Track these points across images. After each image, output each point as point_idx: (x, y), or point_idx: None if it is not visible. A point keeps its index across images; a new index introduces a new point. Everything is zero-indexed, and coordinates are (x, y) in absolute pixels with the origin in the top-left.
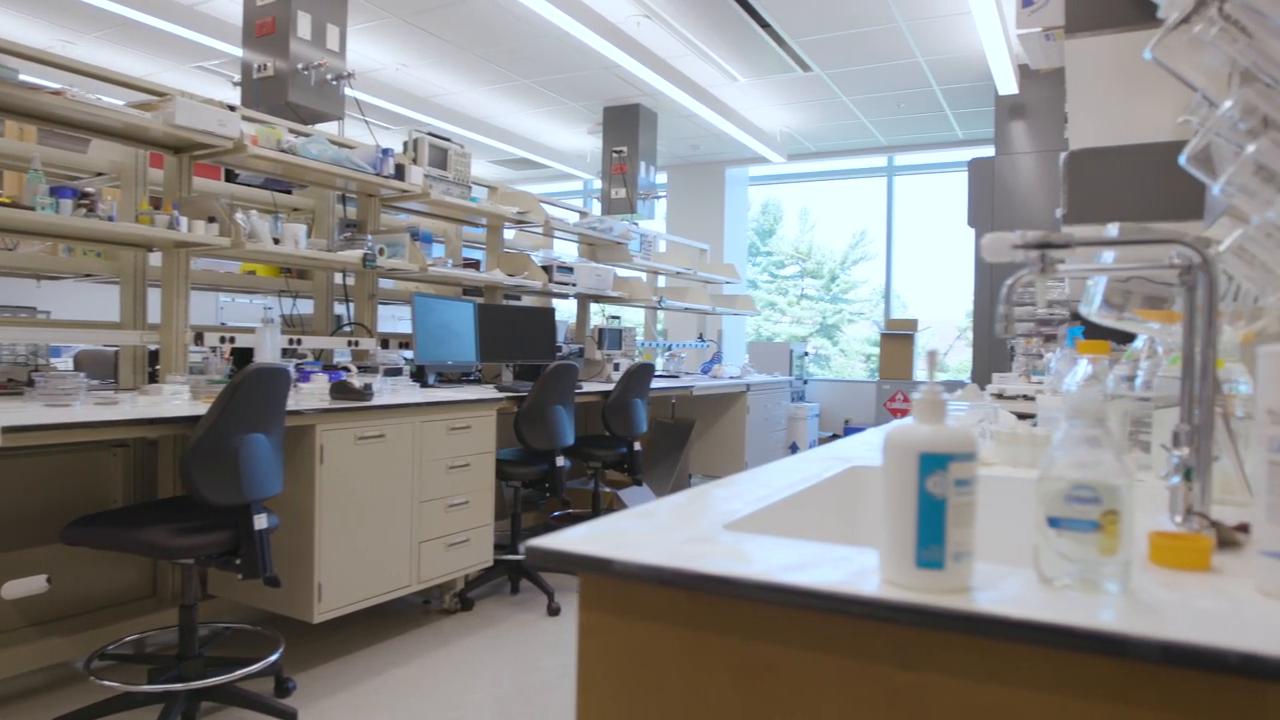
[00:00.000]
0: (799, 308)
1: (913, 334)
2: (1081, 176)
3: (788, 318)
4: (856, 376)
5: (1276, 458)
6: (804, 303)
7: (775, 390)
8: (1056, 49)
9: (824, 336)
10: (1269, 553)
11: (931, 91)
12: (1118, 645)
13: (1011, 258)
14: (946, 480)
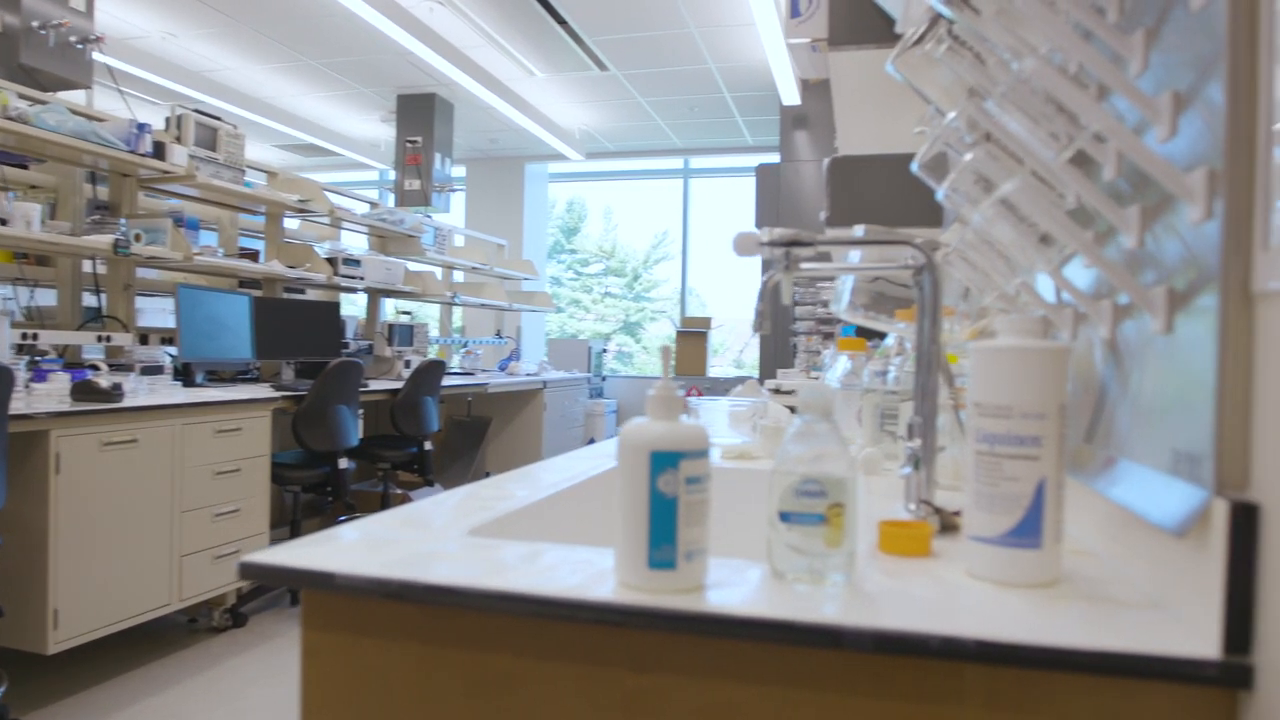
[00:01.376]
0: (603, 305)
1: (706, 331)
2: (841, 182)
3: (592, 315)
4: (658, 373)
5: (983, 448)
6: (608, 300)
7: (573, 387)
8: (822, 60)
9: (627, 334)
10: (976, 538)
11: (723, 98)
12: (833, 637)
13: (759, 254)
14: (678, 479)
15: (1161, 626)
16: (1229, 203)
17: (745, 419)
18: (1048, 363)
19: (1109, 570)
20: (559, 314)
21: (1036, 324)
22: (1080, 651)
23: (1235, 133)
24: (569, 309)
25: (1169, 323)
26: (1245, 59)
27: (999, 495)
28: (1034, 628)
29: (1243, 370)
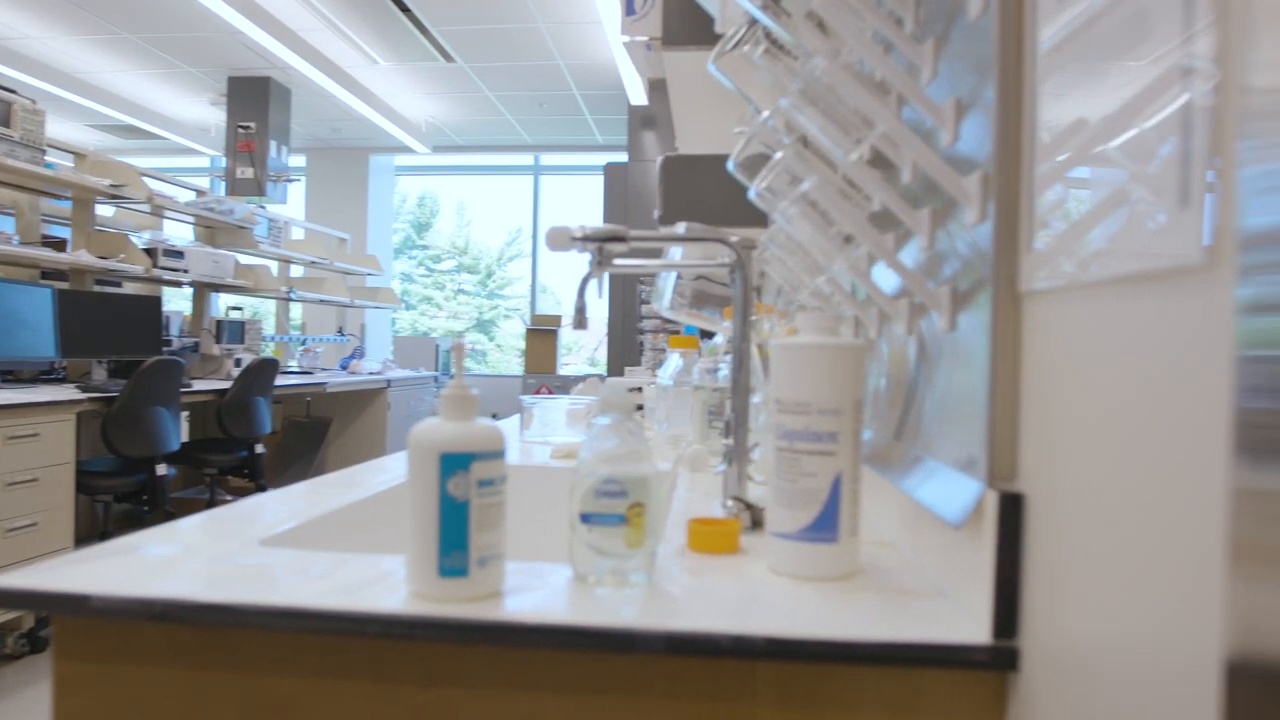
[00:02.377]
0: (456, 303)
1: (556, 329)
2: (674, 181)
3: (445, 313)
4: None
5: (783, 444)
6: (461, 298)
7: (419, 386)
8: (659, 59)
9: (481, 332)
10: (777, 534)
11: (573, 95)
12: (626, 641)
13: (572, 249)
14: (469, 481)
15: (944, 615)
16: (999, 205)
17: (582, 417)
18: (844, 359)
19: (905, 562)
20: (410, 312)
21: (834, 321)
22: (864, 644)
23: (1004, 138)
24: (421, 306)
25: (952, 321)
26: (1013, 66)
27: (798, 491)
28: (825, 622)
29: (1011, 366)
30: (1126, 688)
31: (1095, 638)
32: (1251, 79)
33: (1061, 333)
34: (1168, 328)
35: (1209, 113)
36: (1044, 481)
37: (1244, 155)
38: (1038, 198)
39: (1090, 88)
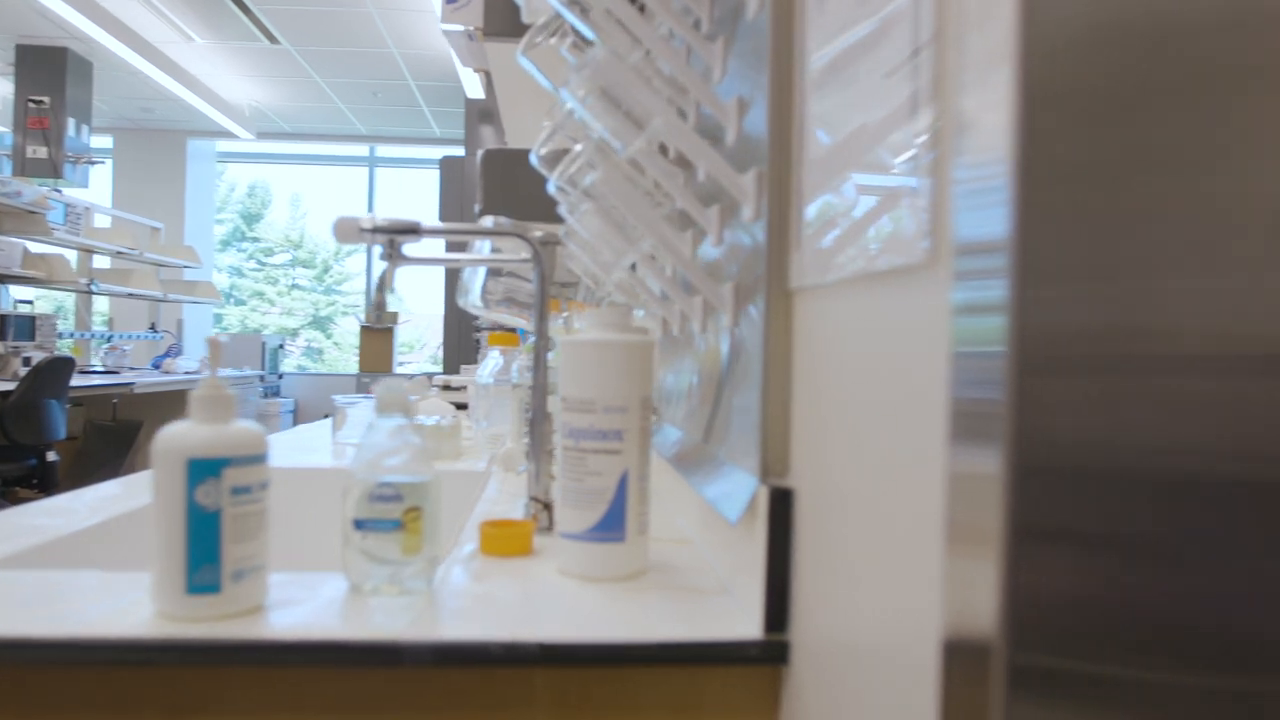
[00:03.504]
0: (290, 298)
1: (393, 327)
2: (494, 175)
3: (278, 309)
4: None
5: (570, 443)
6: (295, 293)
7: (243, 386)
8: (481, 50)
9: (317, 329)
10: (565, 534)
11: (408, 86)
12: (392, 654)
13: (361, 242)
14: (220, 489)
15: (724, 612)
16: (771, 203)
17: None
18: (630, 356)
19: (697, 559)
20: (239, 308)
21: (620, 317)
22: (639, 645)
23: (777, 136)
24: (251, 302)
25: (736, 319)
26: (785, 65)
27: (584, 490)
28: (606, 624)
29: (783, 363)
30: (870, 672)
31: (847, 625)
32: (964, 104)
33: (822, 329)
34: (899, 325)
35: (931, 132)
36: (811, 476)
37: (959, 174)
38: (806, 195)
39: (844, 97)
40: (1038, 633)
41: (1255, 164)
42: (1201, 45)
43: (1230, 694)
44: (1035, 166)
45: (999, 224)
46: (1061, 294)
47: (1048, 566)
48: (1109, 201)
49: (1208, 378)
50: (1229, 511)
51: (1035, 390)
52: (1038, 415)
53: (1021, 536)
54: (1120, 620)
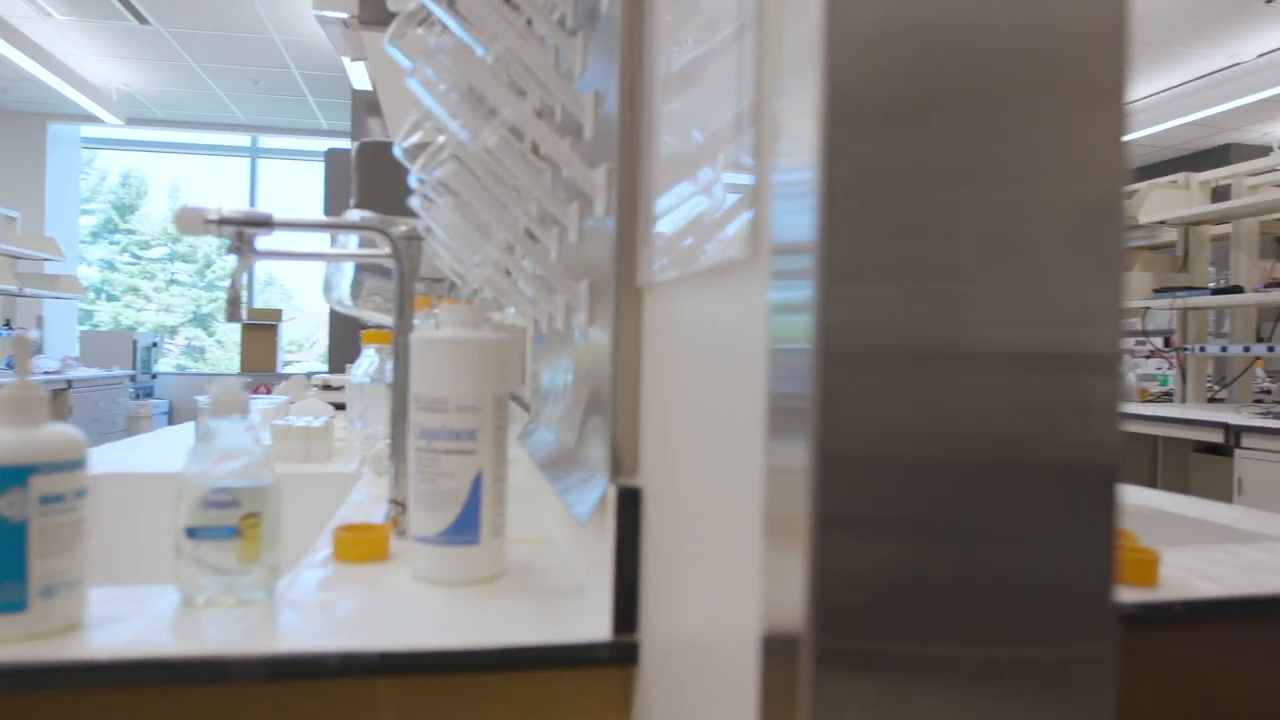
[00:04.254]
0: (168, 294)
1: (276, 324)
2: (369, 167)
3: (154, 305)
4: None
5: (422, 444)
6: (175, 289)
7: (111, 387)
8: (359, 39)
9: (199, 326)
10: (419, 538)
11: (291, 74)
12: (219, 670)
13: (206, 233)
14: (27, 498)
15: (577, 613)
16: (621, 198)
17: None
18: (484, 354)
19: (557, 560)
20: (112, 304)
21: (474, 314)
22: (485, 650)
23: (627, 130)
24: (126, 298)
25: (591, 315)
26: (634, 57)
27: (437, 492)
28: (455, 629)
29: (633, 360)
30: (708, 669)
31: (688, 624)
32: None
33: (665, 326)
34: (728, 323)
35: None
36: (659, 475)
37: (776, 177)
38: (654, 191)
39: (687, 93)
40: (842, 617)
41: (1049, 173)
42: (1002, 56)
43: (1015, 661)
44: (840, 171)
45: (807, 226)
46: (864, 294)
47: (850, 553)
48: (910, 206)
49: (999, 373)
50: (1014, 493)
51: (838, 385)
52: (840, 409)
53: (825, 526)
54: (916, 599)
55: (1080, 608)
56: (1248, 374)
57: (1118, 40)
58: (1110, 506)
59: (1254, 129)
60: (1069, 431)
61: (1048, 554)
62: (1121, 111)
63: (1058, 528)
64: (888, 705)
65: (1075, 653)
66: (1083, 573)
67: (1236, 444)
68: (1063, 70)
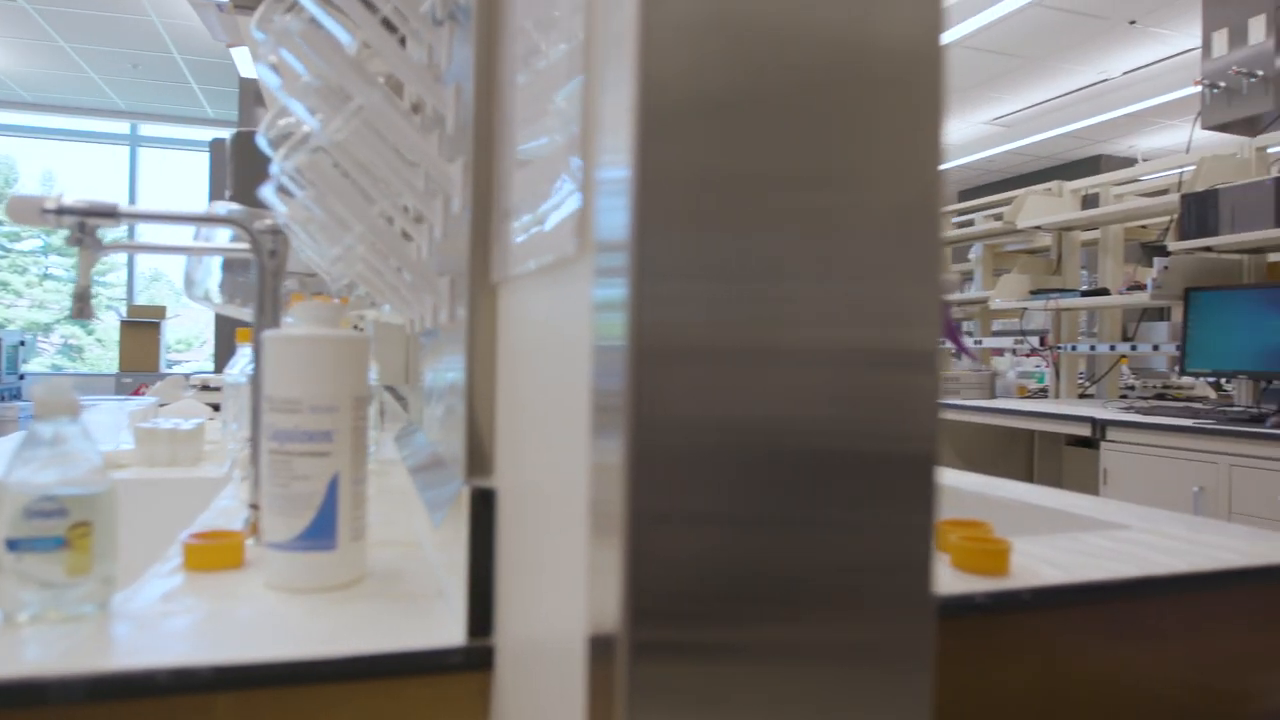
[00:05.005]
0: (42, 289)
1: (160, 322)
2: (245, 157)
3: (26, 301)
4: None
5: (274, 446)
6: (49, 284)
7: None
8: (233, 22)
9: (76, 324)
10: (271, 544)
11: (173, 59)
12: (35, 693)
13: (43, 223)
14: None
15: (434, 618)
16: (475, 193)
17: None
18: (340, 353)
19: (424, 564)
20: None
21: (331, 311)
22: (332, 660)
23: (482, 123)
24: None
25: (451, 313)
26: (489, 46)
27: (290, 496)
28: (302, 639)
29: (488, 358)
30: (550, 671)
31: (535, 625)
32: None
33: (514, 322)
34: (564, 319)
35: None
36: (512, 474)
37: (601, 174)
38: (506, 185)
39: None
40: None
41: (868, 177)
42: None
43: (837, 643)
44: (653, 168)
45: (622, 224)
46: (678, 291)
47: (667, 546)
48: (728, 205)
49: (819, 369)
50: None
51: (650, 381)
52: (654, 405)
53: (639, 521)
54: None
55: (900, 589)
56: (1114, 371)
57: (933, 51)
58: (928, 493)
59: (1122, 141)
60: (888, 424)
61: (868, 539)
62: (938, 120)
63: (877, 514)
64: (708, 694)
65: (896, 632)
66: (902, 555)
67: (1102, 437)
68: (881, 78)
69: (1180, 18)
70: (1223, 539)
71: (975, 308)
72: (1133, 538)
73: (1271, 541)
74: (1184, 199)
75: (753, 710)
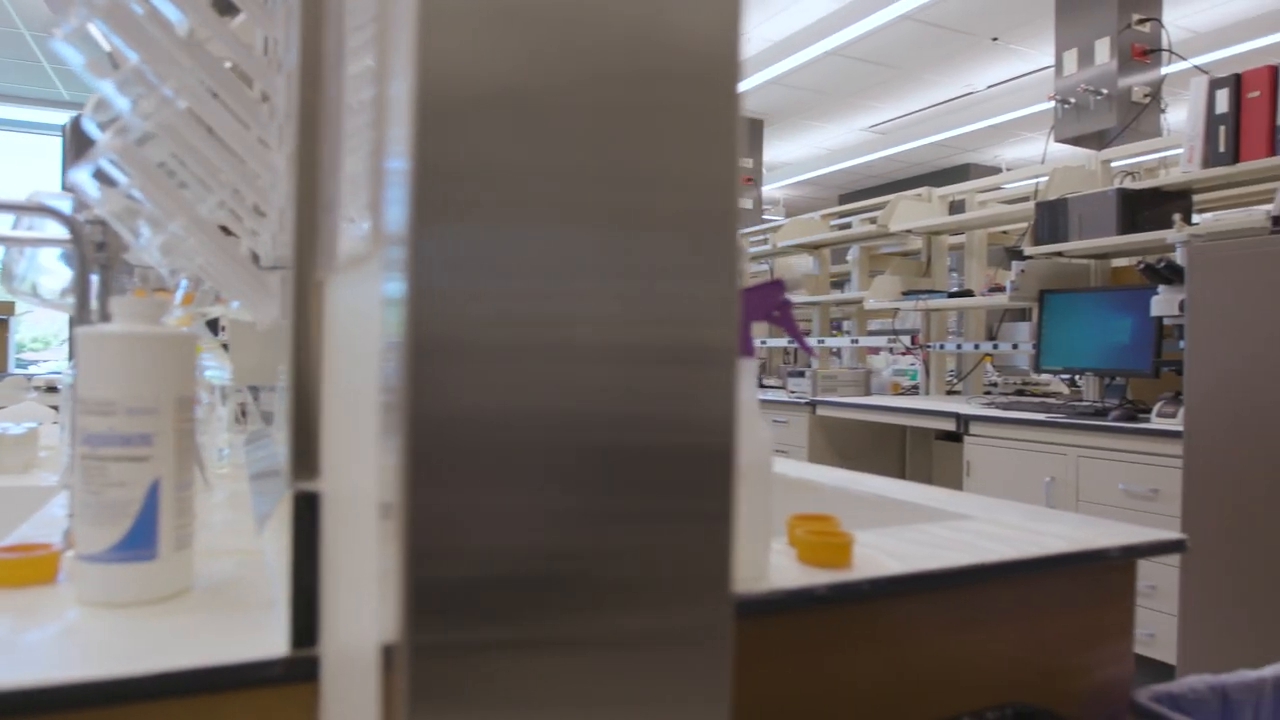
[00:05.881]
0: None
1: (8, 319)
2: (83, 143)
3: None
4: None
5: (86, 450)
6: None
7: None
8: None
9: None
10: (84, 556)
11: (20, 35)
12: None
13: None
14: None
15: (264, 629)
16: (299, 183)
17: None
18: (160, 351)
19: (261, 572)
20: None
21: (151, 307)
22: (136, 678)
23: (306, 110)
24: None
25: (284, 310)
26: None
27: (105, 504)
28: (110, 657)
29: (313, 355)
30: (356, 683)
31: (350, 634)
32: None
33: (334, 319)
34: (366, 316)
35: (377, 115)
36: (334, 477)
37: (392, 165)
38: (333, 173)
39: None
40: (443, 611)
41: (661, 177)
42: (618, 52)
43: (635, 631)
44: (434, 160)
45: (403, 217)
46: (462, 287)
47: (449, 545)
48: (515, 200)
49: (613, 365)
50: (629, 476)
51: (430, 378)
52: (433, 403)
53: (418, 522)
54: (522, 584)
55: (698, 578)
56: (979, 369)
57: (730, 50)
58: (725, 484)
59: (989, 151)
60: (685, 418)
61: (664, 531)
62: (734, 120)
63: (674, 506)
64: (505, 694)
65: (694, 621)
66: (699, 545)
67: (965, 432)
68: (677, 75)
69: (1038, 36)
70: (1052, 526)
71: (852, 307)
72: (973, 528)
73: (1096, 527)
74: (1038, 207)
75: (551, 706)
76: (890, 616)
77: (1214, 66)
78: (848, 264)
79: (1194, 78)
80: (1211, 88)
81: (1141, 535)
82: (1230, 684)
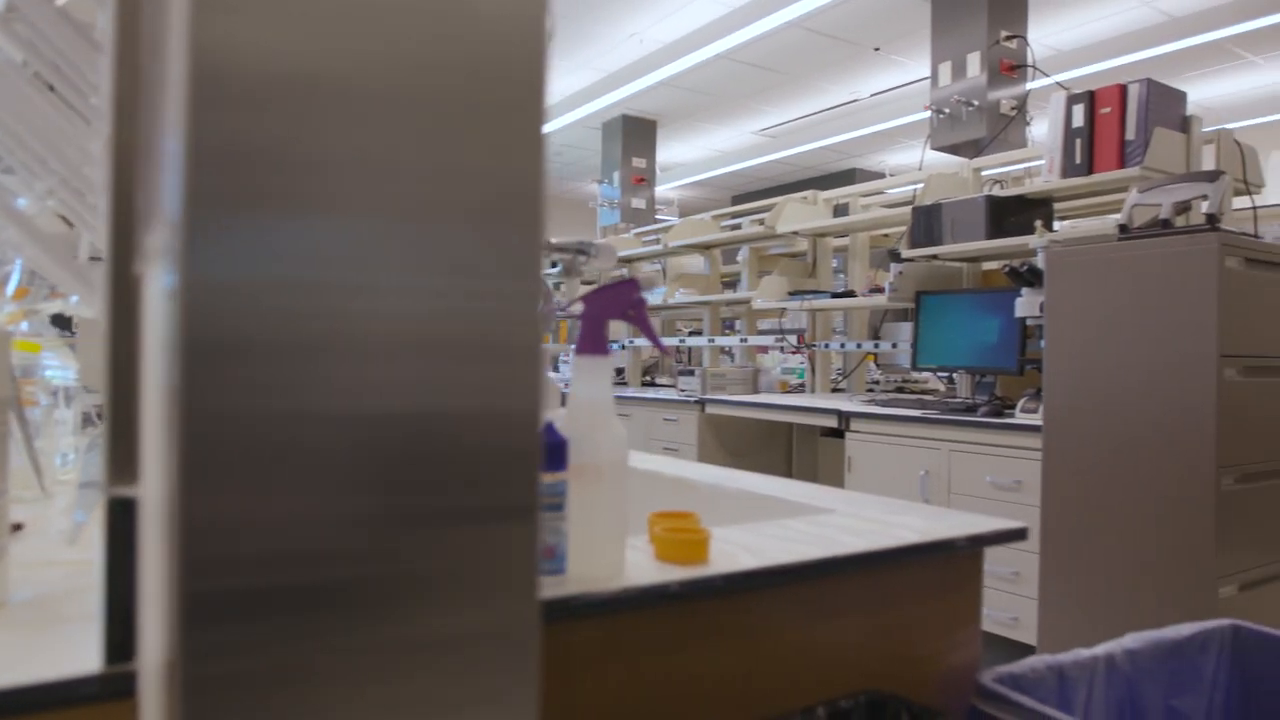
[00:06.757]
0: None
1: None
2: None
3: None
4: None
5: None
6: None
7: None
8: None
9: None
10: None
11: None
12: None
13: None
14: None
15: (79, 644)
16: (115, 171)
17: None
18: None
19: (91, 583)
20: None
21: None
22: None
23: (122, 93)
24: None
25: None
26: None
27: None
28: None
29: (131, 355)
30: (154, 700)
31: (155, 646)
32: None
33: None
34: (157, 307)
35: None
36: (150, 482)
37: (168, 146)
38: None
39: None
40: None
41: (457, 175)
42: (416, 39)
43: (447, 630)
44: (212, 147)
45: (176, 204)
46: (234, 281)
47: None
48: (298, 189)
49: (407, 362)
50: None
51: (205, 378)
52: (208, 403)
53: (193, 525)
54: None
55: (501, 576)
56: (862, 367)
57: (535, 39)
58: (528, 480)
59: (873, 156)
60: (486, 416)
61: (466, 530)
62: (538, 118)
63: (475, 504)
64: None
65: (499, 618)
66: (502, 544)
67: (847, 428)
68: (480, 62)
69: (918, 47)
70: (908, 519)
71: (742, 307)
72: (833, 521)
73: (947, 519)
74: (914, 211)
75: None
76: (745, 610)
77: (1075, 83)
78: (738, 264)
79: (1055, 93)
80: (1069, 103)
81: (987, 525)
82: (1066, 663)
